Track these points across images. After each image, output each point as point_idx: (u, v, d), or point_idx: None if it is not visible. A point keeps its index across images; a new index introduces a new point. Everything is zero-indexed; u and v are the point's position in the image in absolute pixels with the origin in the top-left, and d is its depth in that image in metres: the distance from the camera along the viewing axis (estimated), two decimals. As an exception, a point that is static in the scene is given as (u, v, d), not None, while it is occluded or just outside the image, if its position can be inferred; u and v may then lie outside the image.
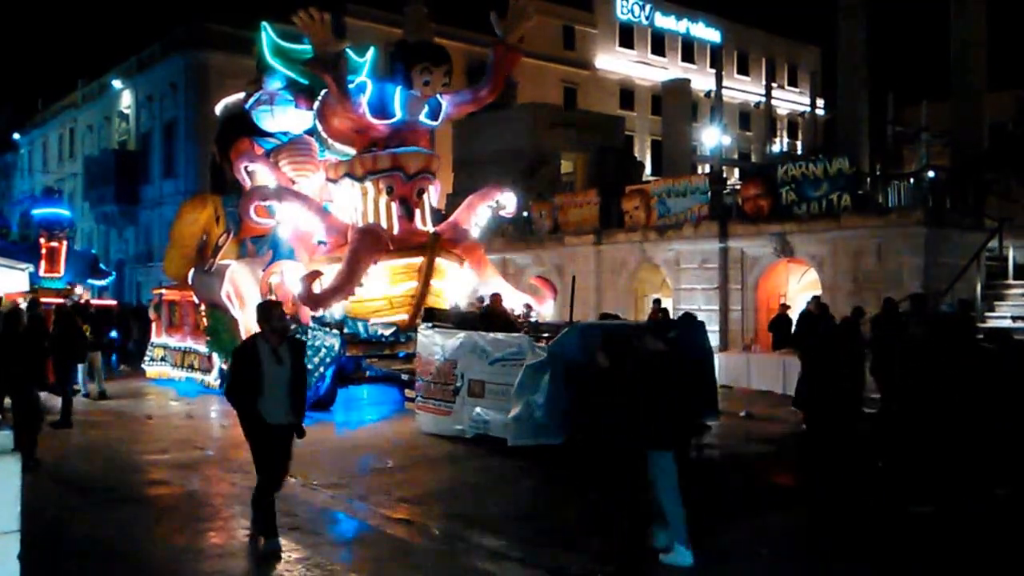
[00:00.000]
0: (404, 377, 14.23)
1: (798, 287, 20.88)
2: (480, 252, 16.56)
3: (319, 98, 15.92)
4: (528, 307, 15.72)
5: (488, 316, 13.67)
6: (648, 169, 43.81)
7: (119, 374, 19.81)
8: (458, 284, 16.10)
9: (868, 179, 20.69)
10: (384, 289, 14.98)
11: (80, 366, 15.30)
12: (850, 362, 12.16)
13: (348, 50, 15.83)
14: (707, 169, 32.62)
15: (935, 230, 16.94)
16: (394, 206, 15.64)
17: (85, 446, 11.76)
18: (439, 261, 14.96)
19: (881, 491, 9.27)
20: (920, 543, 7.46)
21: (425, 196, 16.21)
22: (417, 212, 15.97)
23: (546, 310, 16.32)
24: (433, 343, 12.37)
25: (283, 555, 6.84)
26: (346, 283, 14.21)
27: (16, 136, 61.50)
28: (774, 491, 9.54)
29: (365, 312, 14.84)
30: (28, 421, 10.09)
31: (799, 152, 49.41)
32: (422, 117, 15.93)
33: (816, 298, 15.83)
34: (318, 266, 15.05)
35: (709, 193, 21.32)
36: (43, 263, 21.21)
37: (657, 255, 22.35)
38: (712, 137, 38.36)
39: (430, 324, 13.04)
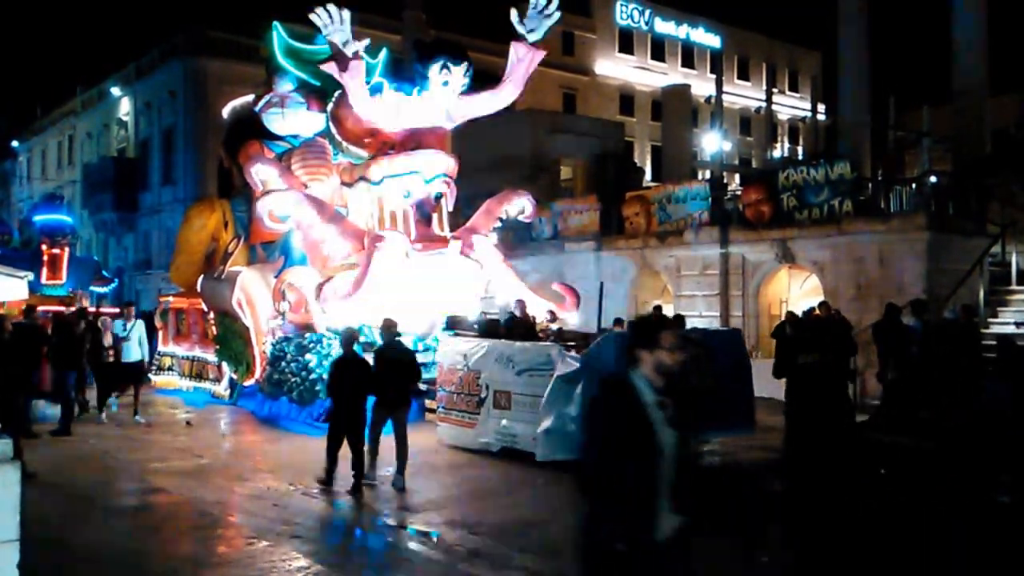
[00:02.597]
0: (423, 388, 13.70)
1: (800, 293, 20.84)
2: (501, 258, 16.10)
3: (332, 100, 15.44)
4: (552, 314, 15.20)
5: (514, 324, 13.17)
6: (648, 175, 43.82)
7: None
8: (477, 290, 15.64)
9: (869, 184, 20.64)
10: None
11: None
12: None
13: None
14: (707, 175, 32.61)
15: (937, 235, 16.88)
16: (411, 211, 15.16)
17: (85, 455, 11.68)
18: (460, 260, 14.67)
19: (881, 497, 9.24)
20: (920, 549, 7.40)
21: (443, 201, 15.68)
22: (435, 217, 15.48)
23: (570, 317, 15.75)
24: (456, 352, 11.95)
25: (282, 563, 6.78)
26: (364, 290, 13.71)
27: (15, 144, 61.54)
28: (774, 498, 9.47)
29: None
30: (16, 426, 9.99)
31: (800, 157, 49.47)
32: (441, 119, 15.35)
33: (824, 304, 15.76)
34: (333, 272, 14.62)
35: (709, 199, 21.29)
36: (45, 270, 21.05)
37: (658, 261, 22.31)
38: (712, 142, 38.29)
39: (453, 333, 12.57)
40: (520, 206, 16.78)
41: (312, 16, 13.84)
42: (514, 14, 15.22)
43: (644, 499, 3.67)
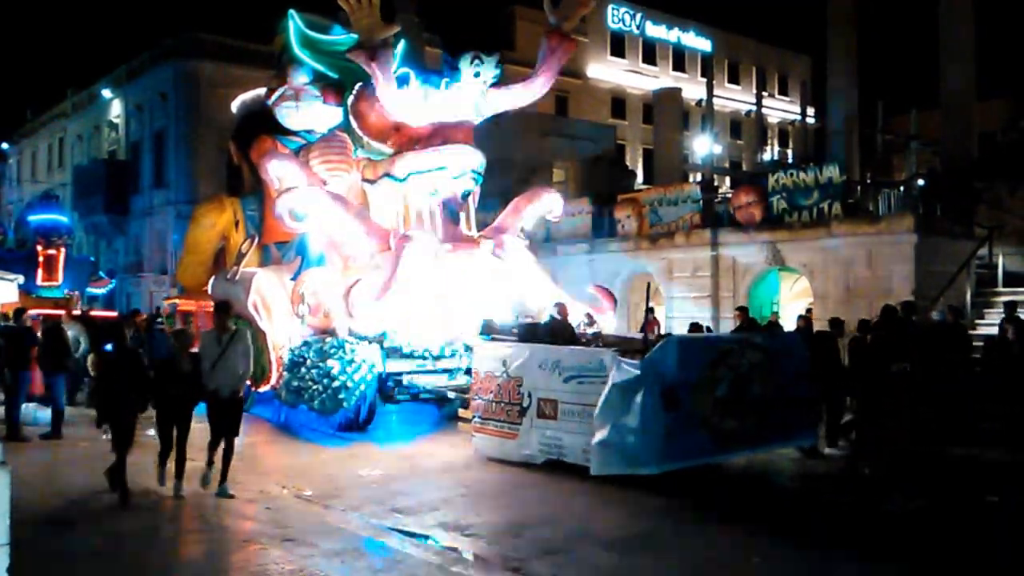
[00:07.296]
0: (451, 396, 13.33)
1: (790, 295, 20.95)
2: (534, 259, 15.74)
3: (353, 92, 14.92)
4: (589, 317, 14.63)
5: (556, 329, 12.60)
6: (640, 178, 43.93)
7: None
8: (509, 292, 15.16)
9: (858, 187, 20.78)
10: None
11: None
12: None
13: None
14: (698, 178, 32.75)
15: (925, 238, 17.00)
16: (438, 209, 14.68)
17: (76, 458, 11.62)
18: (491, 261, 14.46)
19: (868, 496, 9.32)
20: (912, 549, 7.46)
21: (470, 199, 15.20)
22: (462, 215, 15.01)
23: (606, 321, 15.14)
24: (494, 358, 11.25)
25: (275, 566, 6.80)
26: (392, 293, 13.25)
27: (5, 146, 61.28)
28: (764, 499, 9.52)
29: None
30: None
31: (790, 160, 49.68)
32: (470, 112, 14.85)
33: (812, 310, 15.84)
34: (358, 273, 14.05)
35: (700, 202, 21.39)
36: (40, 271, 20.79)
37: (649, 264, 22.37)
38: (703, 146, 38.55)
39: (489, 337, 12.17)
40: (549, 204, 16.42)
41: (340, 1, 13.34)
42: (547, 3, 14.72)
43: None
